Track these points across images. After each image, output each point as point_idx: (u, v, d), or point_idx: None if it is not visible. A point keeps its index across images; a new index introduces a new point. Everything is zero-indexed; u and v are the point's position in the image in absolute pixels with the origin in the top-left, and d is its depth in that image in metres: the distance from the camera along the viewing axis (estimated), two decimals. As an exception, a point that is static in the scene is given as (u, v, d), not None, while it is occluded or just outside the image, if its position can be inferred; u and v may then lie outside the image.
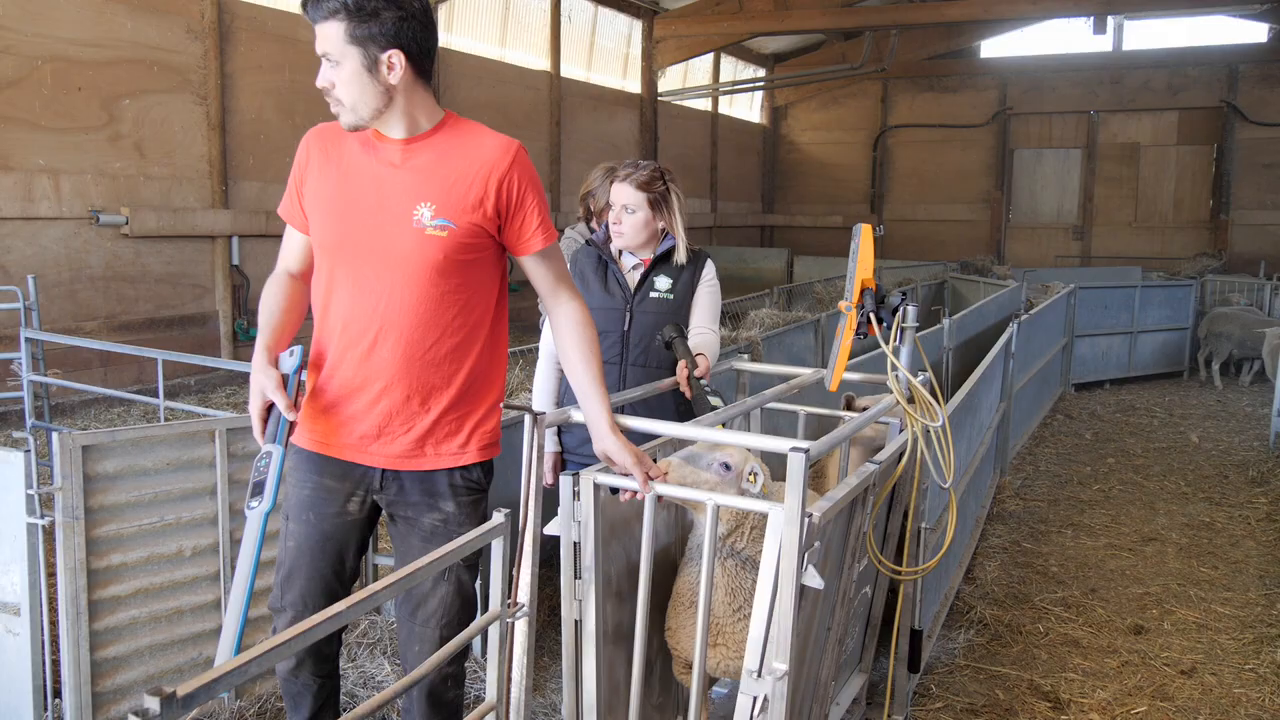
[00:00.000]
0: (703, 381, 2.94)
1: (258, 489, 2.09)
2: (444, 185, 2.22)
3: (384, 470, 2.32)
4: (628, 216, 3.23)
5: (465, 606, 2.40)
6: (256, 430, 2.18)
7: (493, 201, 2.24)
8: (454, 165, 2.23)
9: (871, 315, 2.75)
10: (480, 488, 2.39)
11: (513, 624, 2.21)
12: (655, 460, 2.39)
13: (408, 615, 2.39)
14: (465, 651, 2.44)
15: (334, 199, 2.27)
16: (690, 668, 2.63)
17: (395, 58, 2.15)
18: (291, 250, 2.42)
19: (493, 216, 2.26)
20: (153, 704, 1.31)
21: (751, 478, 2.41)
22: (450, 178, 2.23)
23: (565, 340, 2.39)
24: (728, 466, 2.39)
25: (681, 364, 2.97)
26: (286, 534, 2.36)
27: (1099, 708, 3.64)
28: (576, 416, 2.45)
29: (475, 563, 2.47)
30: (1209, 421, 8.93)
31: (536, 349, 3.65)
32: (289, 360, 2.20)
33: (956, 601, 4.55)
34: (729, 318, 9.35)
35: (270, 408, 2.17)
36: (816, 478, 3.71)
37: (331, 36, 2.11)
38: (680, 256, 3.28)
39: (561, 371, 3.40)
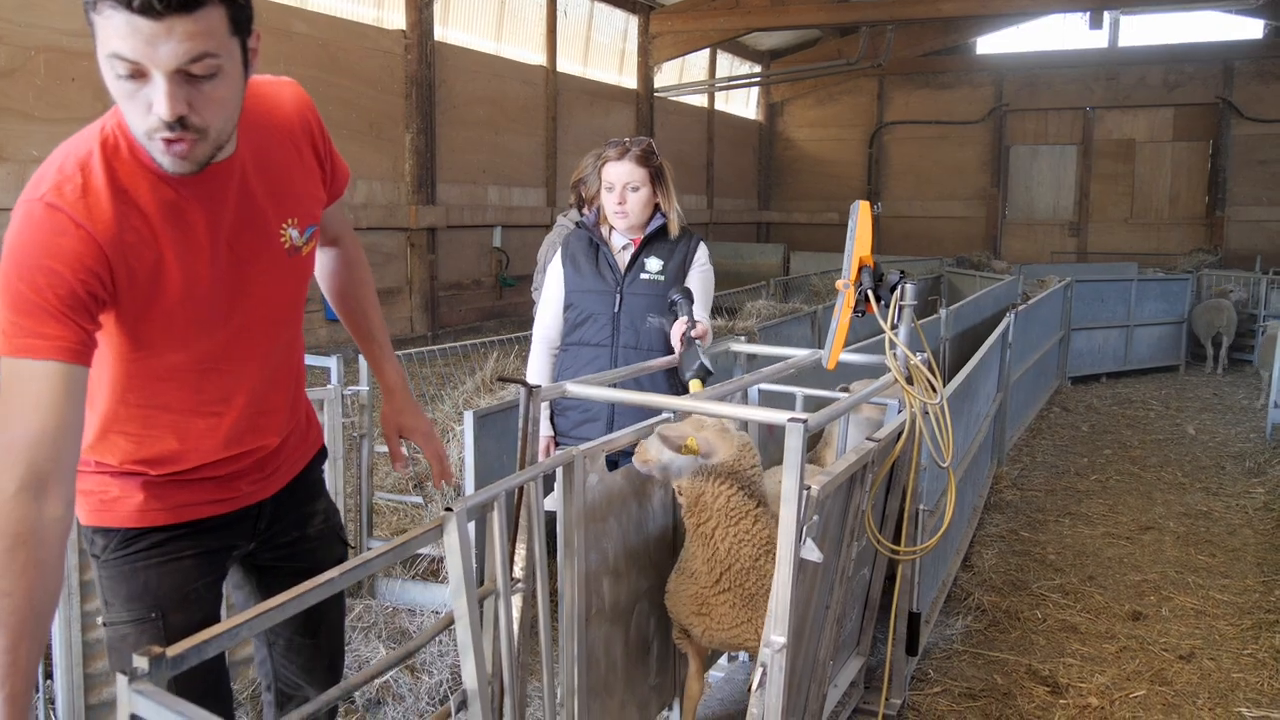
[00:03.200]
0: (698, 342, 2.89)
1: None
2: (290, 186, 1.73)
3: (265, 501, 1.90)
4: (632, 195, 3.19)
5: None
6: None
7: (318, 165, 1.82)
8: (279, 153, 1.72)
9: (869, 293, 2.73)
10: None
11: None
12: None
13: (306, 636, 2.04)
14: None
15: (188, 292, 1.59)
16: (684, 634, 2.62)
17: (256, 39, 1.53)
18: (69, 416, 1.44)
19: (322, 178, 1.84)
20: (141, 664, 1.29)
21: (691, 442, 2.36)
22: (286, 171, 1.73)
23: (356, 277, 2.05)
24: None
25: (681, 320, 2.92)
26: (159, 639, 1.71)
27: (1097, 692, 3.63)
28: (572, 391, 2.43)
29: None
30: (1205, 414, 8.93)
31: (525, 336, 3.62)
32: None
33: (954, 588, 4.53)
34: (725, 310, 9.33)
35: None
36: (811, 464, 3.70)
37: (214, 30, 1.40)
38: (674, 230, 3.25)
39: (555, 354, 3.38)
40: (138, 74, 1.39)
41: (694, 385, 2.79)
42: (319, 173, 1.83)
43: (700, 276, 3.30)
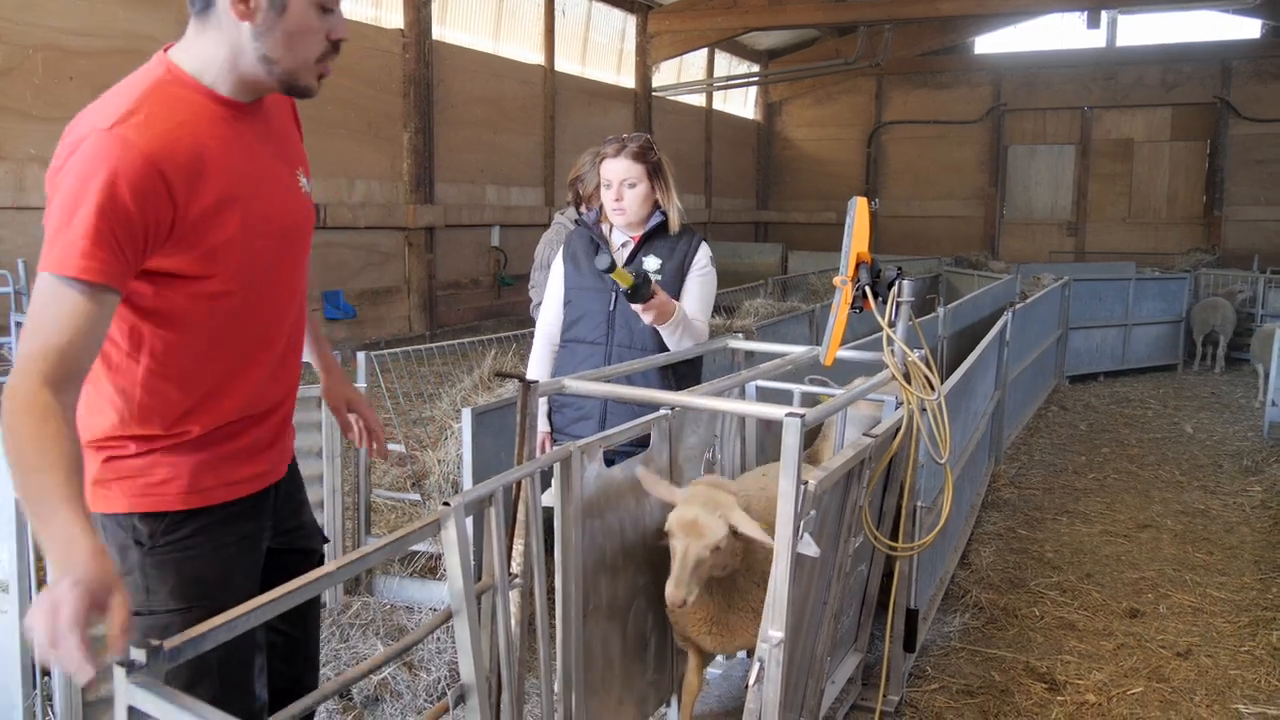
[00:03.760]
0: (642, 272, 2.92)
1: None
2: (291, 139, 1.88)
3: (279, 482, 1.94)
4: (629, 191, 3.15)
5: None
6: (79, 654, 1.29)
7: (298, 132, 1.96)
8: (280, 109, 1.86)
9: (867, 289, 2.73)
10: None
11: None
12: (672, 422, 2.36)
13: (299, 632, 2.05)
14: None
15: (244, 223, 1.68)
16: (687, 640, 2.62)
17: None
18: (96, 334, 1.51)
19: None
20: (139, 656, 1.29)
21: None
22: (287, 125, 1.89)
23: None
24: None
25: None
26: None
27: (1095, 689, 3.63)
28: (570, 386, 2.43)
29: None
30: (1203, 413, 8.93)
31: (523, 335, 3.61)
32: None
33: (952, 586, 4.53)
34: (723, 309, 9.34)
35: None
36: (810, 463, 3.70)
37: None
38: (674, 226, 3.23)
39: (555, 351, 3.38)
40: (334, 6, 1.66)
41: (620, 275, 2.81)
42: (299, 138, 1.94)
43: (700, 281, 3.25)
